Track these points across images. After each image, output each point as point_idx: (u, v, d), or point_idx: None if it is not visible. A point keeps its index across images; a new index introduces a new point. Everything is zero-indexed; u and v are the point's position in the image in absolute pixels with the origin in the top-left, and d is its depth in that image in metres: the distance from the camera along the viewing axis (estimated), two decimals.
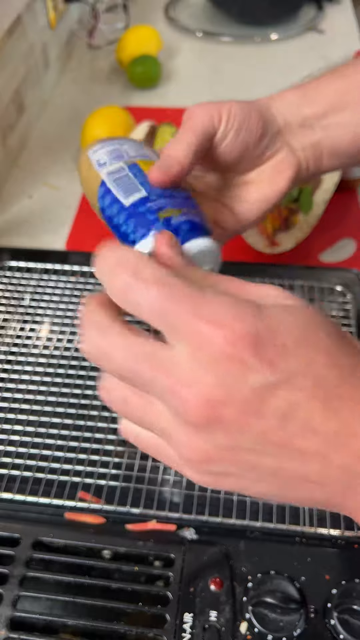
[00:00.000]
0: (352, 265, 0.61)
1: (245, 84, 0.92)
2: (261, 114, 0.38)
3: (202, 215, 0.35)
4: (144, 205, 0.33)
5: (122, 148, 0.38)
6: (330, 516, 0.42)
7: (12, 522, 0.42)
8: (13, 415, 0.49)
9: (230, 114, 0.37)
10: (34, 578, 0.40)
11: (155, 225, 0.32)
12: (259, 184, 0.40)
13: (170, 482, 0.45)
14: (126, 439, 0.28)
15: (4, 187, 0.74)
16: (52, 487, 0.44)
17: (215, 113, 0.36)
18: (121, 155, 0.37)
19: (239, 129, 0.37)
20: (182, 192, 0.36)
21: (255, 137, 0.38)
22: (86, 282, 0.60)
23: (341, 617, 0.36)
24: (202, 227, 0.34)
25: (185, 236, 0.33)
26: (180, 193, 0.36)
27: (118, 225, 0.34)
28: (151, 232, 0.33)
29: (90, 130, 0.73)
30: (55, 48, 0.91)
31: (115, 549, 0.41)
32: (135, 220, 0.33)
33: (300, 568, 0.39)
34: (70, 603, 0.39)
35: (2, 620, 0.38)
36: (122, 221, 0.34)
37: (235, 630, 0.37)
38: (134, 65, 0.89)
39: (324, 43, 1.01)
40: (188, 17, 1.09)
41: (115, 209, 0.34)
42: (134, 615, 0.39)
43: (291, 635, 0.36)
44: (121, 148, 0.38)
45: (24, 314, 0.57)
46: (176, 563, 0.40)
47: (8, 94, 0.73)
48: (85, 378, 0.51)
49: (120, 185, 0.35)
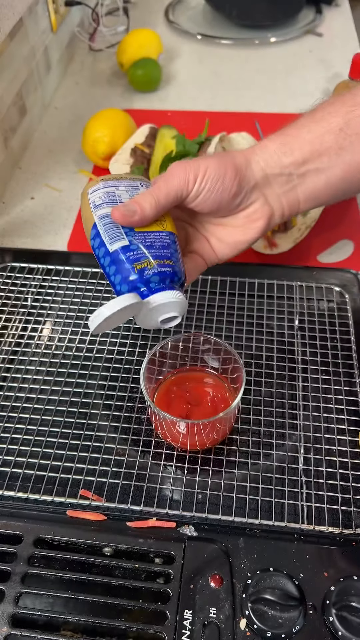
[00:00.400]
0: (350, 266, 0.62)
1: (245, 86, 0.93)
2: (238, 171, 0.41)
3: (176, 265, 0.40)
4: (125, 253, 0.39)
5: (117, 192, 0.41)
6: (329, 514, 0.43)
7: (14, 520, 0.43)
8: (15, 413, 0.49)
9: (205, 176, 0.40)
10: (36, 575, 0.40)
11: (131, 275, 0.38)
12: (233, 229, 0.44)
13: (170, 480, 0.45)
14: None
15: (6, 189, 0.74)
16: (54, 485, 0.45)
17: (191, 176, 0.40)
18: (114, 200, 0.41)
19: (211, 189, 0.40)
20: (163, 238, 0.40)
21: (229, 195, 0.41)
22: (87, 282, 0.60)
23: (339, 613, 0.37)
24: (172, 277, 0.39)
25: (155, 287, 0.39)
26: (161, 240, 0.40)
27: (104, 266, 0.40)
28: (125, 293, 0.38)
29: (91, 132, 0.74)
30: (57, 51, 0.92)
31: (116, 546, 0.41)
32: (116, 266, 0.39)
33: (299, 565, 0.40)
34: (71, 600, 0.40)
35: (4, 617, 0.38)
36: (107, 264, 0.39)
37: (234, 627, 0.37)
38: (134, 68, 0.90)
39: (323, 46, 1.01)
40: (188, 21, 1.10)
41: (102, 252, 0.40)
42: (135, 612, 0.39)
43: (290, 632, 0.36)
44: (116, 192, 0.41)
45: (25, 314, 0.58)
46: (176, 560, 0.40)
47: (10, 97, 0.74)
48: (86, 377, 0.52)
49: (107, 231, 0.40)
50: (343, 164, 0.42)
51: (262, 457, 0.46)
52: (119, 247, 0.39)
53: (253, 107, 0.88)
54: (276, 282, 0.59)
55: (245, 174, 0.41)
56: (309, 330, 0.55)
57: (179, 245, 0.41)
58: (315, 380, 0.51)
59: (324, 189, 0.43)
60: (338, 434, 0.47)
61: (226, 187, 0.40)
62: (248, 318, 0.56)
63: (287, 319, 0.56)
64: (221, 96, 0.91)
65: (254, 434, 0.48)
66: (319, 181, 0.42)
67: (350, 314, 0.56)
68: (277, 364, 0.52)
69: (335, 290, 0.58)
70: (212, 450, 0.47)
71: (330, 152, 0.41)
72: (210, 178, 0.40)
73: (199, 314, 0.57)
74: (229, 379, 0.48)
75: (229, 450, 0.47)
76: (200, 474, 0.45)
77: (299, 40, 1.03)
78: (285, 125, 0.44)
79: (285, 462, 0.46)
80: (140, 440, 0.47)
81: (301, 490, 0.44)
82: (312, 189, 0.43)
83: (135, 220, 0.39)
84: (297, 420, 0.48)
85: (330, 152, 0.41)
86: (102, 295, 0.59)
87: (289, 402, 0.50)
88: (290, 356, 0.53)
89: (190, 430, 0.43)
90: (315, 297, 0.58)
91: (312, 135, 0.42)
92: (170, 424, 0.44)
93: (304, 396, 0.50)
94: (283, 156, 0.42)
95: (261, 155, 0.42)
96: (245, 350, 0.54)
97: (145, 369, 0.45)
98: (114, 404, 0.50)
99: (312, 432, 0.48)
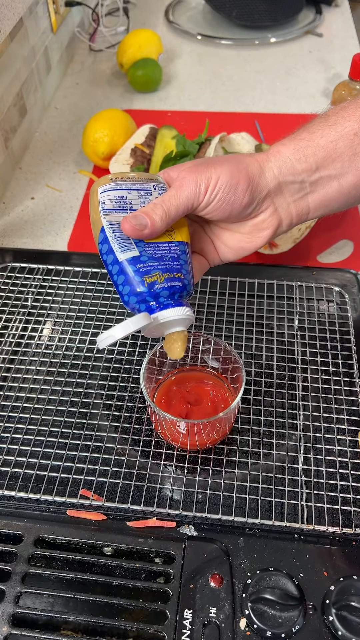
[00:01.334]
0: (350, 266, 0.62)
1: (245, 86, 0.93)
2: (251, 181, 0.40)
3: (185, 278, 0.39)
4: (135, 265, 0.38)
5: (129, 197, 0.40)
6: (329, 514, 0.43)
7: (14, 520, 0.43)
8: (15, 413, 0.49)
9: (217, 186, 0.39)
10: (36, 575, 0.40)
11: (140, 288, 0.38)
12: (239, 235, 0.43)
13: (170, 479, 0.45)
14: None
15: (6, 189, 0.75)
16: (54, 485, 0.45)
17: (202, 187, 0.39)
18: (124, 207, 0.40)
19: (222, 199, 0.40)
20: (173, 249, 0.40)
21: (240, 206, 0.40)
22: (87, 282, 0.60)
23: (339, 613, 0.37)
24: (181, 291, 0.39)
25: (165, 303, 0.39)
26: (170, 252, 0.40)
27: (112, 273, 0.39)
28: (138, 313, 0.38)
29: (92, 132, 0.74)
30: (57, 51, 0.92)
31: (116, 546, 0.41)
32: (125, 277, 0.38)
33: (298, 565, 0.40)
34: (71, 599, 0.40)
35: (4, 616, 0.38)
36: (115, 272, 0.39)
37: (234, 627, 0.37)
38: (134, 68, 0.90)
39: (323, 46, 1.02)
40: (188, 21, 1.10)
41: (110, 259, 0.39)
42: (135, 612, 0.40)
43: (290, 632, 0.36)
44: (128, 197, 0.40)
45: (26, 314, 0.58)
46: (176, 560, 0.40)
47: (10, 97, 0.74)
48: (86, 377, 0.52)
49: (117, 239, 0.39)
50: (356, 170, 0.41)
51: (262, 457, 0.46)
52: (129, 257, 0.38)
53: (253, 107, 0.88)
54: (276, 282, 0.59)
55: (259, 183, 0.40)
56: (309, 330, 0.55)
57: (190, 254, 0.41)
58: (315, 380, 0.51)
59: (335, 195, 0.42)
60: (338, 434, 0.47)
61: (237, 198, 0.40)
62: (248, 318, 0.56)
63: (287, 319, 0.56)
64: (221, 96, 0.91)
65: (254, 434, 0.48)
66: (331, 188, 0.42)
67: (350, 313, 0.56)
68: (277, 364, 0.52)
69: (335, 290, 0.58)
70: (212, 450, 0.47)
71: (343, 158, 0.41)
72: (221, 188, 0.39)
73: (199, 314, 0.57)
74: (229, 379, 0.48)
75: (229, 450, 0.47)
76: (200, 473, 0.45)
77: (299, 41, 1.03)
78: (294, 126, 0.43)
79: (285, 462, 0.46)
80: (140, 440, 0.47)
81: (301, 490, 0.44)
82: (323, 197, 0.42)
83: (146, 234, 0.38)
84: (297, 420, 0.48)
85: (344, 157, 0.41)
86: (102, 295, 0.59)
87: (288, 402, 0.50)
88: (290, 356, 0.53)
89: (190, 430, 0.43)
90: (315, 297, 0.58)
91: (326, 140, 0.41)
92: (170, 424, 0.44)
93: (303, 396, 0.50)
94: (297, 163, 0.41)
95: (275, 162, 0.41)
96: (245, 350, 0.54)
97: (145, 369, 0.45)
98: (114, 404, 0.50)
99: (312, 432, 0.48)
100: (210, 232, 0.45)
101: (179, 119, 0.85)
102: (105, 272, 0.61)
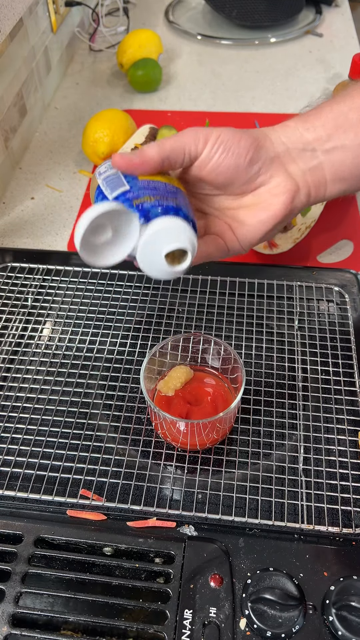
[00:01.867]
0: (350, 266, 0.62)
1: (245, 86, 0.93)
2: (255, 139, 0.39)
3: (181, 203, 0.37)
4: (124, 196, 0.36)
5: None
6: (329, 514, 0.43)
7: (14, 520, 0.43)
8: (15, 413, 0.49)
9: (218, 139, 0.38)
10: (36, 575, 0.40)
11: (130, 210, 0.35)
12: (255, 207, 0.41)
13: (170, 479, 0.45)
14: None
15: (6, 189, 0.75)
16: (54, 485, 0.45)
17: (201, 137, 0.38)
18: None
19: (225, 152, 0.38)
20: (168, 185, 0.37)
21: (245, 161, 0.38)
22: (87, 282, 0.60)
23: (339, 613, 0.37)
24: (177, 211, 0.36)
25: (154, 215, 0.35)
26: (165, 186, 0.37)
27: None
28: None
29: (92, 132, 0.74)
30: (57, 51, 0.92)
31: (116, 546, 0.41)
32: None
33: (298, 565, 0.40)
34: (71, 599, 0.40)
35: (4, 616, 0.38)
36: None
37: (234, 627, 0.37)
38: (134, 68, 0.90)
39: (323, 46, 1.02)
40: (188, 21, 1.10)
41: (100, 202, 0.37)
42: (135, 612, 0.40)
43: (290, 632, 0.36)
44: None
45: (26, 314, 0.58)
46: (176, 560, 0.40)
47: (10, 97, 0.74)
48: (86, 377, 0.52)
49: (109, 184, 0.37)
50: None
51: (262, 457, 0.46)
52: (120, 192, 0.36)
53: (253, 107, 0.88)
54: (276, 282, 0.59)
55: (264, 144, 0.39)
56: (309, 331, 0.55)
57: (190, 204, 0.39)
58: (315, 380, 0.51)
59: (352, 167, 0.40)
60: (338, 434, 0.47)
61: (241, 152, 0.38)
62: (248, 318, 0.56)
63: (287, 319, 0.56)
64: (221, 96, 0.91)
65: (254, 434, 0.48)
66: (346, 159, 0.39)
67: (350, 314, 0.56)
68: (277, 364, 0.52)
69: (335, 290, 0.58)
70: (212, 450, 0.47)
71: (356, 129, 0.38)
72: (223, 142, 0.38)
73: (199, 314, 0.57)
74: (229, 379, 0.48)
75: (229, 450, 0.47)
76: (200, 473, 0.45)
77: (298, 41, 1.03)
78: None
79: (285, 462, 0.46)
80: (140, 440, 0.47)
81: (301, 490, 0.44)
82: (340, 167, 0.40)
83: (136, 162, 0.36)
84: (297, 420, 0.48)
85: (357, 128, 0.38)
86: (102, 295, 0.59)
87: (288, 402, 0.50)
88: (290, 356, 0.53)
89: (190, 430, 0.43)
90: (315, 297, 0.58)
91: (335, 113, 0.39)
92: (170, 424, 0.44)
93: (303, 396, 0.50)
94: (305, 132, 0.39)
95: (282, 132, 0.40)
96: (245, 350, 0.54)
97: (145, 369, 0.45)
98: (114, 404, 0.50)
99: (312, 432, 0.48)
100: (224, 216, 0.42)
101: (179, 119, 0.85)
102: (105, 271, 0.61)
